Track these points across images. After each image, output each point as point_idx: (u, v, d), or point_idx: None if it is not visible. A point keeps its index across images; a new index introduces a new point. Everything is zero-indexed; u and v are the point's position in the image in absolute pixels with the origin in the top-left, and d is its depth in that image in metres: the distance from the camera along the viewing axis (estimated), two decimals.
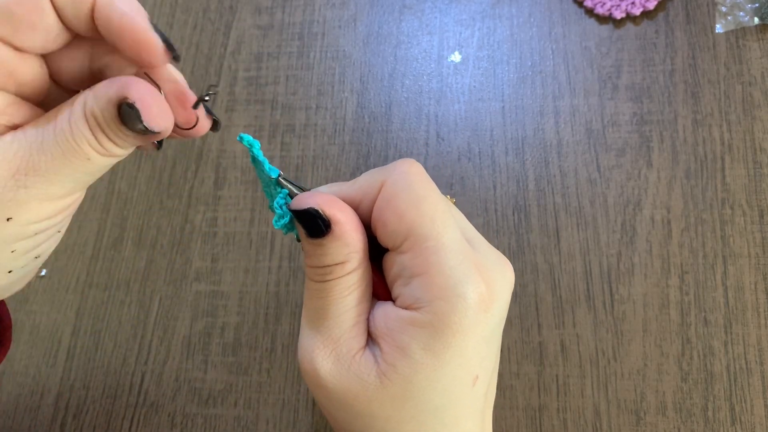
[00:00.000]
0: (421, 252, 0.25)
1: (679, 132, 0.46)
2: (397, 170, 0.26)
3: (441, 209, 0.26)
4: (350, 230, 0.26)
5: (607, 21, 0.49)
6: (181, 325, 0.45)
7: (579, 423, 0.40)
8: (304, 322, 0.28)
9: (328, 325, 0.26)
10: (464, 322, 0.25)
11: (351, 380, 0.26)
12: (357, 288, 0.27)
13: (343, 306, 0.26)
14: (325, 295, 0.26)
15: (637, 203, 0.44)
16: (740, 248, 0.42)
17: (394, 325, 0.26)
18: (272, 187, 0.28)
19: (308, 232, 0.26)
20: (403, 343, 0.25)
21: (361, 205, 0.27)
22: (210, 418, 0.43)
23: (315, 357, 0.26)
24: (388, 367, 0.25)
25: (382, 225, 0.26)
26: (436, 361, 0.25)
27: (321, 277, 0.26)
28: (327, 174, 0.48)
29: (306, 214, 0.25)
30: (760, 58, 0.47)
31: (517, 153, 0.47)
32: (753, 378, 0.40)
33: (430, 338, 0.25)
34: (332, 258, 0.26)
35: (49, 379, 0.45)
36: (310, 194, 0.26)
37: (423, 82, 0.50)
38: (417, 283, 0.25)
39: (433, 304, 0.25)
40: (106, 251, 0.48)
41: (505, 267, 0.28)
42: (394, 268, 0.26)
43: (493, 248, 0.28)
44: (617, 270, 0.43)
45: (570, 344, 0.42)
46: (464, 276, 0.25)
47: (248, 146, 0.27)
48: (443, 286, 0.25)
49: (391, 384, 0.25)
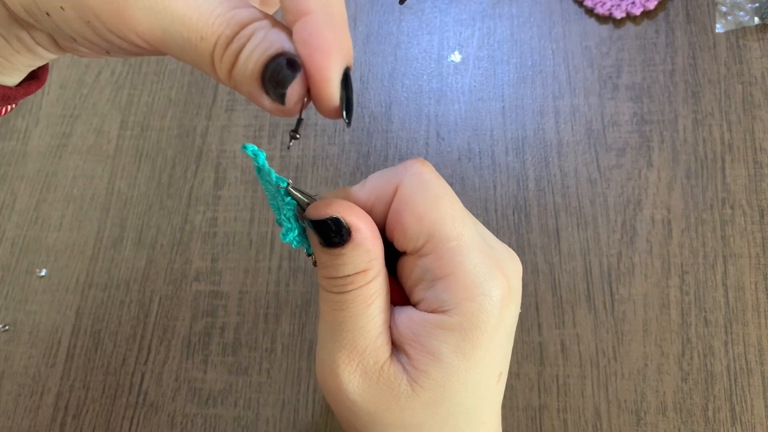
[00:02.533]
0: (445, 253, 0.25)
1: (680, 132, 0.46)
2: (409, 171, 0.26)
3: (458, 207, 0.26)
4: (370, 236, 0.25)
5: (607, 21, 0.49)
6: (181, 325, 0.45)
7: (579, 423, 0.40)
8: (324, 337, 0.26)
9: (352, 337, 0.25)
10: (491, 320, 0.25)
11: (381, 392, 0.25)
12: (379, 296, 0.26)
13: (366, 316, 0.25)
14: (347, 306, 0.25)
15: (638, 203, 0.44)
16: (740, 248, 0.42)
17: (422, 330, 0.25)
18: (279, 198, 0.26)
19: (326, 242, 0.25)
20: (433, 348, 0.25)
21: (373, 209, 0.26)
22: (210, 419, 0.43)
23: (340, 373, 0.25)
24: (420, 373, 0.25)
25: (401, 229, 0.25)
26: (467, 362, 0.25)
27: (341, 288, 0.25)
28: (327, 174, 0.48)
29: (324, 224, 0.24)
30: (761, 57, 0.47)
31: (518, 153, 0.47)
32: (753, 378, 0.40)
33: (460, 340, 0.24)
34: (353, 267, 0.25)
35: (49, 379, 0.45)
36: (327, 202, 0.25)
37: (423, 82, 0.50)
38: (442, 286, 0.25)
39: (462, 306, 0.24)
40: (106, 251, 0.48)
41: (515, 258, 0.27)
42: (416, 271, 0.26)
43: (500, 241, 0.28)
44: (617, 270, 0.43)
45: (570, 344, 0.42)
46: (488, 274, 0.25)
47: (253, 156, 0.25)
48: (469, 286, 0.24)
49: (423, 391, 0.25)
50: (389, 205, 0.26)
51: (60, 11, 0.21)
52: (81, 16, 0.21)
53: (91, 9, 0.20)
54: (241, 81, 0.21)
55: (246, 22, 0.21)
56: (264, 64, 0.20)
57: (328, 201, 0.25)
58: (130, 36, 0.21)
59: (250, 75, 0.20)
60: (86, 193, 0.50)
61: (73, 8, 0.20)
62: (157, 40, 0.21)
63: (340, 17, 0.21)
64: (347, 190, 0.27)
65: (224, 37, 0.20)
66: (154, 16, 0.20)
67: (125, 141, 0.51)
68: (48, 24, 0.22)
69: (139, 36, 0.21)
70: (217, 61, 0.21)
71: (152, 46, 0.21)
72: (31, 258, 0.49)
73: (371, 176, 0.27)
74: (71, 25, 0.21)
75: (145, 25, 0.20)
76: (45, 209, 0.50)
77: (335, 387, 0.25)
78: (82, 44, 0.23)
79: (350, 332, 0.25)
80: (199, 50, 0.21)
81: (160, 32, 0.21)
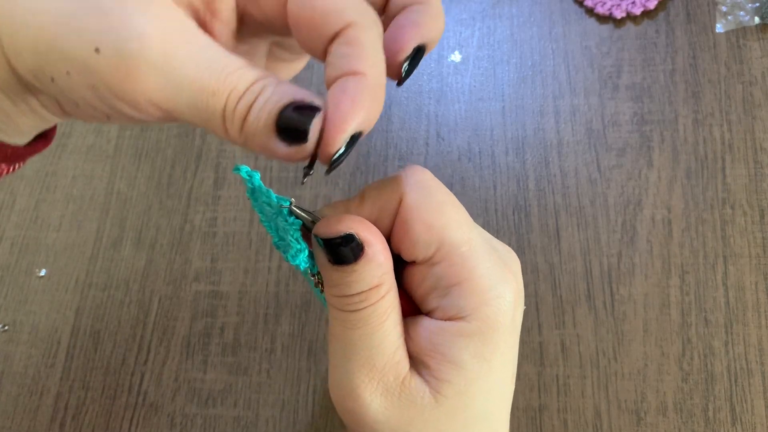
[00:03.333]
0: (457, 259, 0.24)
1: (680, 132, 0.46)
2: (411, 180, 0.25)
3: (463, 212, 0.25)
4: (382, 250, 0.24)
5: (607, 20, 0.49)
6: (181, 325, 0.45)
7: (579, 423, 0.40)
8: (337, 358, 0.26)
9: (369, 355, 0.25)
10: (507, 322, 0.25)
11: (405, 407, 0.25)
12: (393, 310, 0.25)
13: (382, 332, 0.25)
14: (362, 324, 0.24)
15: (638, 203, 0.44)
16: (741, 248, 0.42)
17: (440, 340, 0.25)
18: (280, 218, 0.25)
19: (337, 259, 0.24)
20: (454, 357, 0.24)
21: (378, 222, 0.26)
22: (210, 419, 0.43)
23: (361, 394, 0.25)
24: (441, 383, 0.24)
25: (410, 239, 0.25)
26: (487, 366, 0.25)
27: (355, 306, 0.24)
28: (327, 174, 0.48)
29: (336, 241, 0.24)
30: (761, 57, 0.47)
31: (518, 153, 0.47)
32: (753, 378, 0.40)
33: (481, 345, 0.24)
34: (366, 283, 0.24)
35: (49, 379, 0.45)
36: (338, 219, 0.24)
37: (423, 82, 0.50)
38: (457, 292, 0.25)
39: (479, 311, 0.24)
40: (106, 251, 0.48)
41: (514, 256, 0.28)
42: (427, 281, 0.25)
43: (497, 239, 0.28)
44: (618, 270, 0.43)
45: (570, 344, 0.42)
46: (500, 276, 0.25)
47: (247, 179, 0.24)
48: (484, 290, 0.24)
49: (446, 399, 0.25)
50: (394, 216, 0.25)
51: (65, 76, 0.21)
52: (87, 82, 0.21)
53: (99, 74, 0.20)
54: (254, 132, 0.21)
55: (257, 78, 0.21)
56: (278, 112, 0.20)
57: (338, 217, 0.24)
58: (139, 100, 0.21)
59: (264, 124, 0.21)
60: (86, 193, 0.50)
61: (80, 73, 0.20)
62: (167, 101, 0.21)
63: (381, 86, 0.22)
64: (347, 205, 0.26)
65: (236, 92, 0.21)
66: (164, 78, 0.20)
67: (125, 141, 0.51)
68: (52, 89, 0.22)
69: (148, 100, 0.21)
70: (228, 115, 0.21)
71: (161, 109, 0.21)
72: (31, 258, 0.48)
73: (367, 188, 0.26)
74: (76, 90, 0.21)
75: (155, 88, 0.20)
76: (44, 209, 0.50)
77: (356, 409, 0.25)
78: (85, 109, 0.23)
79: (367, 350, 0.25)
80: (209, 107, 0.21)
81: (171, 93, 0.21)
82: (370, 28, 0.22)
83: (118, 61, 0.20)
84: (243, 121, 0.21)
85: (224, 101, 0.21)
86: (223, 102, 0.21)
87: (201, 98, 0.21)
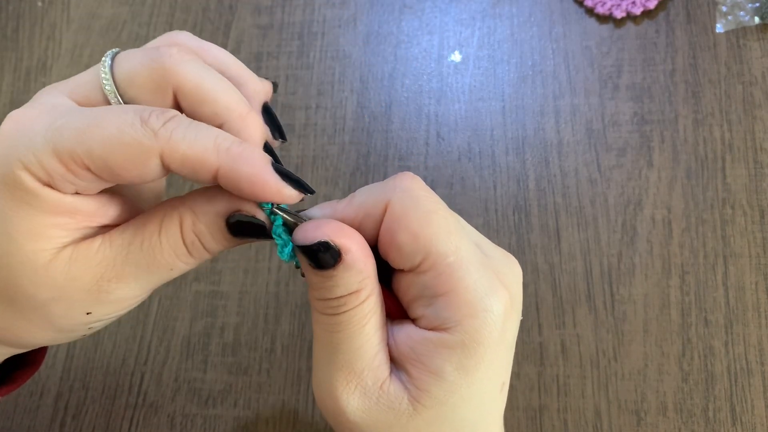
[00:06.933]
0: (443, 269, 0.24)
1: (680, 132, 0.46)
2: (399, 187, 0.25)
3: (453, 220, 0.25)
4: (361, 257, 0.24)
5: (607, 20, 0.49)
6: (181, 325, 0.45)
7: (579, 423, 0.40)
8: (319, 359, 0.26)
9: (349, 358, 0.25)
10: (494, 335, 0.24)
11: (382, 412, 0.25)
12: (374, 314, 0.25)
13: (362, 336, 0.25)
14: (341, 328, 0.25)
15: (638, 203, 0.44)
16: (741, 248, 0.42)
17: (423, 349, 0.25)
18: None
19: (316, 264, 0.24)
20: (435, 367, 0.24)
21: (362, 226, 0.25)
22: (209, 419, 0.43)
23: (339, 395, 0.25)
24: (421, 393, 0.24)
25: (396, 248, 0.25)
26: (469, 378, 0.24)
27: (334, 310, 0.25)
28: (327, 174, 0.48)
29: (313, 248, 0.24)
30: (761, 57, 0.47)
31: (518, 153, 0.47)
32: (754, 378, 0.40)
33: (463, 358, 0.24)
34: (345, 288, 0.24)
35: (48, 379, 0.45)
36: (314, 225, 0.24)
37: (423, 82, 0.50)
38: (443, 303, 0.24)
39: (463, 323, 0.24)
40: None
41: (513, 264, 0.27)
42: (413, 289, 0.25)
43: (497, 246, 0.28)
44: (618, 270, 0.43)
45: (570, 344, 0.42)
46: (488, 288, 0.24)
47: None
48: (471, 303, 0.24)
49: (425, 409, 0.24)
50: (379, 222, 0.25)
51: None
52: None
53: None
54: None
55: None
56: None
57: (315, 223, 0.24)
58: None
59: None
60: None
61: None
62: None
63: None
64: (335, 207, 0.26)
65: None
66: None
67: None
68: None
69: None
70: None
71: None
72: None
73: (360, 190, 0.26)
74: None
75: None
76: None
77: (334, 409, 0.25)
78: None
79: (346, 353, 0.25)
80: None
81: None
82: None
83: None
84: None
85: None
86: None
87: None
